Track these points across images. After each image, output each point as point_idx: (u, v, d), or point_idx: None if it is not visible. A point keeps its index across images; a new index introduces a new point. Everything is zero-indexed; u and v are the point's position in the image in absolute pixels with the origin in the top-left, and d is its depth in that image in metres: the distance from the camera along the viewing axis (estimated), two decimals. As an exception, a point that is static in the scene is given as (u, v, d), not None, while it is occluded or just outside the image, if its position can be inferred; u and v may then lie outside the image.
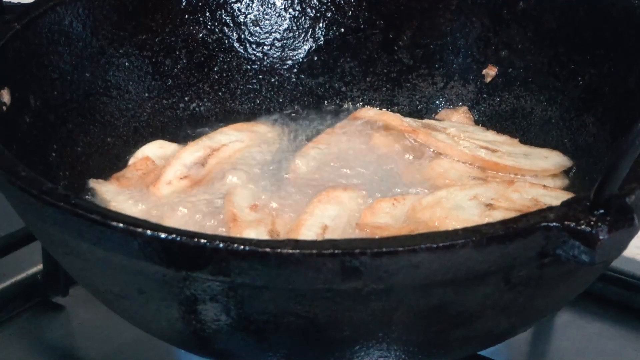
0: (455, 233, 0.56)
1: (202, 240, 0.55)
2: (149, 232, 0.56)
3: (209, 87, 0.94)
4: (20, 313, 0.86)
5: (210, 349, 0.65)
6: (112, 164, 0.87)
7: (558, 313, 0.84)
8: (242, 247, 0.55)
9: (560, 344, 0.82)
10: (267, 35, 0.95)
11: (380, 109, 0.94)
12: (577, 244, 0.56)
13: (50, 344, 0.84)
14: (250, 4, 0.95)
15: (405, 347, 0.62)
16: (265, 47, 0.95)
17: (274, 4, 0.95)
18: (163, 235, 0.56)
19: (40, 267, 0.87)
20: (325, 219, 0.77)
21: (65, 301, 0.87)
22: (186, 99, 0.93)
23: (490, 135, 0.89)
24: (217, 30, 0.94)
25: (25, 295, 0.87)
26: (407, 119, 0.89)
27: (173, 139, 0.91)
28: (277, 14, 0.96)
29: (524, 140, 0.89)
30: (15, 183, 0.62)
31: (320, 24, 0.96)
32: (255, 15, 0.95)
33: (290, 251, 0.54)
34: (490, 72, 0.92)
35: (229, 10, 0.94)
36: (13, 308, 0.86)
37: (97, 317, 0.83)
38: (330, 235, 0.76)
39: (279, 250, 0.55)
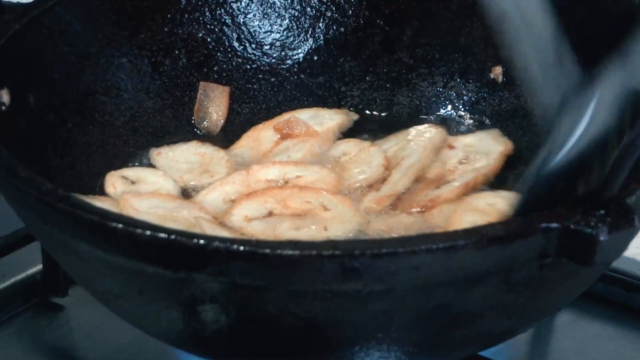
0: (455, 234, 0.56)
1: (202, 241, 0.55)
2: (148, 232, 0.56)
3: (208, 87, 0.94)
4: (20, 313, 0.86)
5: (209, 350, 0.65)
6: (112, 163, 0.86)
7: (558, 313, 0.84)
8: (241, 247, 0.55)
9: (560, 344, 0.82)
10: (267, 34, 0.95)
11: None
12: (577, 244, 0.56)
13: (49, 344, 0.84)
14: (250, 4, 0.95)
15: (405, 347, 0.62)
16: (265, 47, 0.95)
17: (274, 3, 0.95)
18: (162, 236, 0.56)
19: (40, 267, 0.87)
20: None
21: (64, 301, 0.87)
22: (186, 99, 0.93)
23: None
24: (216, 29, 0.94)
25: (24, 296, 0.87)
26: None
27: (173, 139, 0.91)
28: (276, 14, 0.95)
29: (525, 140, 0.89)
30: (14, 183, 0.62)
31: (320, 24, 0.96)
32: (254, 15, 0.95)
33: (289, 252, 0.54)
34: (498, 72, 0.92)
35: (228, 9, 0.94)
36: (13, 308, 0.86)
37: (97, 317, 0.83)
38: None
39: (279, 251, 0.55)
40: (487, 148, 0.89)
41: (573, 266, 0.58)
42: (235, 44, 0.94)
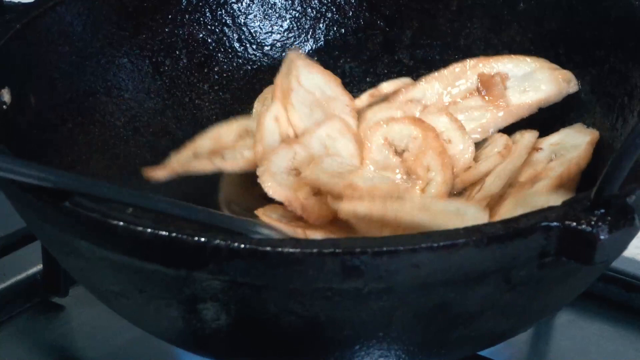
0: (456, 232, 0.56)
1: (203, 239, 0.55)
2: (149, 230, 0.56)
3: (209, 87, 0.94)
4: (20, 313, 0.86)
5: (210, 349, 0.65)
6: (113, 164, 0.87)
7: (558, 313, 0.84)
8: (242, 246, 0.55)
9: (560, 344, 0.82)
10: (268, 35, 0.95)
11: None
12: (577, 243, 0.56)
13: (50, 344, 0.84)
14: (251, 4, 0.95)
15: (406, 346, 0.62)
16: (265, 48, 0.95)
17: (275, 4, 0.95)
18: (163, 234, 0.56)
19: (40, 267, 0.87)
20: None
21: (65, 301, 0.87)
22: (186, 99, 0.93)
23: None
24: (217, 30, 0.94)
25: (25, 296, 0.87)
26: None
27: (173, 138, 0.91)
28: (277, 15, 0.96)
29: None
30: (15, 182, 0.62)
31: (321, 25, 0.96)
32: (255, 16, 0.95)
33: (290, 250, 0.55)
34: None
35: (229, 10, 0.94)
36: (13, 308, 0.86)
37: (97, 317, 0.83)
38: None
39: (280, 249, 0.55)
40: (574, 141, 0.82)
41: (573, 265, 0.58)
42: (236, 45, 0.94)
